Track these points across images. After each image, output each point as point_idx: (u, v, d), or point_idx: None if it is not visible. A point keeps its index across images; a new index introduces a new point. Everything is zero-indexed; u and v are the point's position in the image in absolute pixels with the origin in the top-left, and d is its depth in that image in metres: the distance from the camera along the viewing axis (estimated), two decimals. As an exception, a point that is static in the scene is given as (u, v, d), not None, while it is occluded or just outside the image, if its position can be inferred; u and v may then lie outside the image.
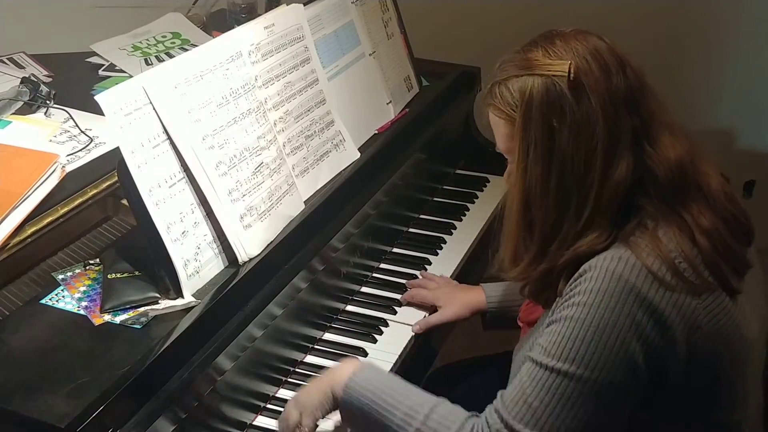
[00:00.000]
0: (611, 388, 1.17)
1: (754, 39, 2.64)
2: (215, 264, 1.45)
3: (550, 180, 1.23)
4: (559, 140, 1.22)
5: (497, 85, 1.28)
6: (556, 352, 1.19)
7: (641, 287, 1.16)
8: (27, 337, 1.33)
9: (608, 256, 1.20)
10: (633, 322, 1.16)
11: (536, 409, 1.19)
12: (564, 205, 1.24)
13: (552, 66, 1.22)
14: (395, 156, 1.93)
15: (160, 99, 1.37)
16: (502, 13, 2.74)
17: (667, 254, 1.18)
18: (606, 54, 1.24)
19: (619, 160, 1.21)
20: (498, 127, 1.30)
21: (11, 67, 2.06)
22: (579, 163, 1.22)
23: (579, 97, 1.21)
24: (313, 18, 1.79)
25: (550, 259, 1.27)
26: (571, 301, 1.20)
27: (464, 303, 1.74)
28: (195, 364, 1.31)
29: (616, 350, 1.16)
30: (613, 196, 1.22)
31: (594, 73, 1.22)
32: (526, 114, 1.23)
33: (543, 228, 1.26)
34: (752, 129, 2.73)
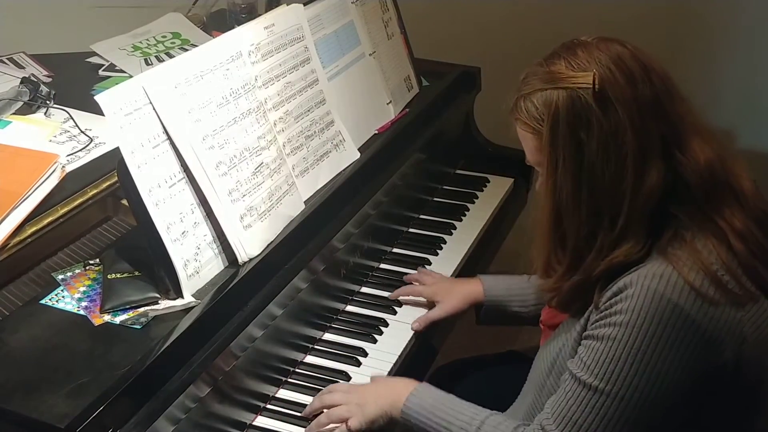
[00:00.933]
0: (656, 408, 1.18)
1: (755, 39, 2.64)
2: (215, 264, 1.45)
3: (581, 193, 1.23)
4: (588, 152, 1.21)
5: (522, 99, 1.27)
6: (599, 372, 1.20)
7: (684, 306, 1.16)
8: (27, 337, 1.33)
9: (648, 273, 1.19)
10: (677, 343, 1.16)
11: (580, 426, 1.21)
12: (597, 217, 1.23)
13: (576, 78, 1.22)
14: (395, 156, 1.93)
15: (160, 99, 1.37)
16: (502, 13, 2.74)
17: (708, 267, 1.17)
18: (629, 61, 1.23)
19: (650, 168, 1.21)
20: (526, 140, 1.30)
21: (11, 67, 2.06)
22: (609, 174, 1.21)
23: (605, 107, 1.20)
24: (313, 18, 1.79)
25: (585, 271, 1.27)
26: (612, 320, 1.20)
27: (462, 295, 1.74)
28: (195, 364, 1.31)
29: (659, 371, 1.16)
30: (646, 204, 1.21)
31: (619, 83, 1.21)
32: (552, 128, 1.23)
33: (576, 241, 1.26)
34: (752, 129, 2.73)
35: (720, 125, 2.75)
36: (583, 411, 1.21)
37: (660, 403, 1.17)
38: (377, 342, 1.67)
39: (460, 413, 1.35)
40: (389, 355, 1.64)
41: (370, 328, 1.70)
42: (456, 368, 1.89)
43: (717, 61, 2.71)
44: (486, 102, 2.36)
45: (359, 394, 1.45)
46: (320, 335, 1.69)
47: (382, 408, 1.42)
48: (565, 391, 1.24)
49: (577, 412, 1.21)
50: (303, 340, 1.64)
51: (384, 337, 1.69)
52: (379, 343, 1.67)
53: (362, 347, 1.65)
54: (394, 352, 1.65)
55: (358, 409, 1.42)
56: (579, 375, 1.22)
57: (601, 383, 1.19)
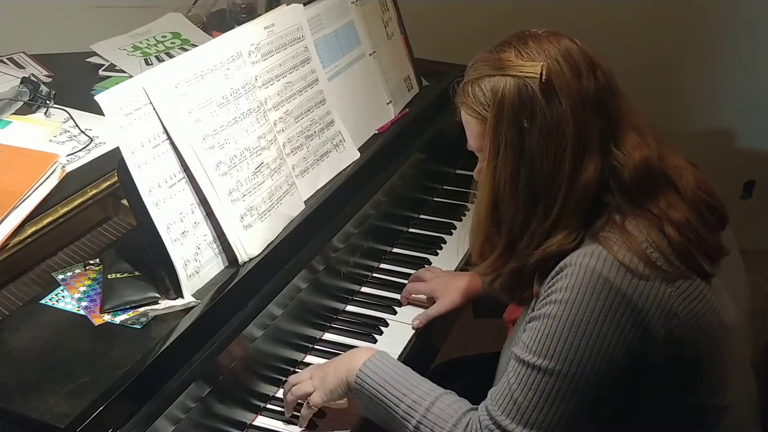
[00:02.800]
0: (593, 383, 1.20)
1: (755, 39, 2.64)
2: (215, 264, 1.46)
3: (519, 180, 1.25)
4: (529, 141, 1.24)
5: (470, 84, 1.30)
6: (537, 349, 1.22)
7: (614, 280, 1.19)
8: (27, 337, 1.33)
9: (582, 252, 1.22)
10: (609, 316, 1.19)
11: (521, 405, 1.23)
12: (532, 205, 1.26)
13: (524, 67, 1.24)
14: (395, 156, 1.93)
15: (160, 99, 1.37)
16: (502, 13, 2.74)
17: (637, 245, 1.21)
18: (577, 56, 1.26)
19: (587, 161, 1.24)
20: (470, 125, 1.32)
21: (11, 67, 2.07)
22: (548, 164, 1.24)
23: (550, 98, 1.23)
24: (313, 18, 1.79)
25: (519, 257, 1.30)
26: (549, 299, 1.23)
27: (460, 290, 1.75)
28: (195, 364, 1.31)
29: (594, 345, 1.19)
30: (581, 197, 1.24)
31: (565, 75, 1.23)
32: (497, 114, 1.25)
33: (511, 226, 1.29)
34: (752, 129, 2.73)
35: (720, 125, 2.76)
36: (523, 390, 1.23)
37: (598, 378, 1.20)
38: (377, 342, 1.67)
39: (416, 387, 1.35)
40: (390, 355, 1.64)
41: (370, 328, 1.70)
42: (454, 367, 1.89)
43: (717, 61, 2.71)
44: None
45: (321, 368, 1.47)
46: (320, 335, 1.69)
47: (339, 376, 1.42)
48: (507, 374, 1.26)
49: (519, 391, 1.23)
50: (303, 340, 1.64)
51: (384, 337, 1.69)
52: (379, 343, 1.67)
53: (362, 347, 1.65)
54: (394, 351, 1.65)
55: (319, 381, 1.44)
56: (520, 355, 1.24)
57: (540, 360, 1.21)
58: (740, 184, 2.78)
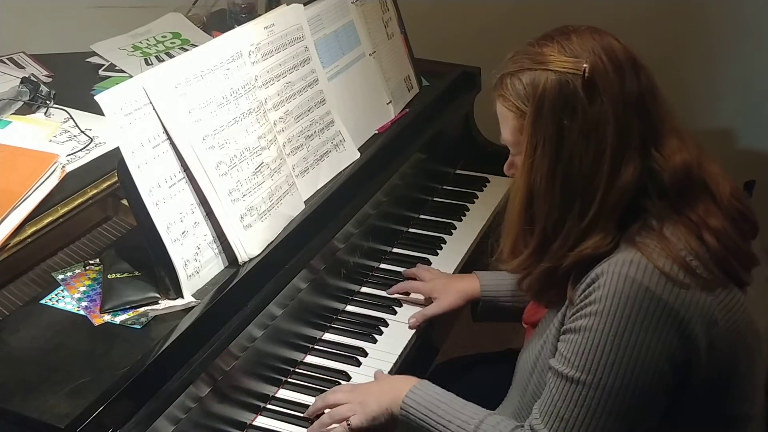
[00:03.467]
0: (639, 394, 1.18)
1: (755, 39, 2.64)
2: (215, 264, 1.45)
3: (556, 178, 1.23)
4: (568, 139, 1.21)
5: (509, 77, 1.27)
6: (579, 364, 1.20)
7: (655, 290, 1.16)
8: (27, 337, 1.33)
9: (618, 260, 1.19)
10: (651, 326, 1.16)
11: (567, 421, 1.21)
12: (568, 204, 1.23)
13: (567, 63, 1.21)
14: (395, 156, 1.93)
15: (160, 99, 1.37)
16: (502, 13, 2.74)
17: (677, 253, 1.18)
18: (621, 55, 1.23)
19: (626, 163, 1.21)
20: (506, 118, 1.29)
21: (11, 67, 2.06)
22: (587, 163, 1.21)
23: (592, 97, 1.20)
24: (313, 18, 1.79)
25: (552, 258, 1.27)
26: (587, 310, 1.20)
27: (459, 292, 1.74)
28: (195, 364, 1.31)
29: (638, 356, 1.17)
30: (619, 199, 1.21)
31: (608, 74, 1.21)
32: (537, 110, 1.22)
33: (545, 224, 1.26)
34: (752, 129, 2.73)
35: (720, 125, 2.76)
36: (568, 405, 1.21)
37: (643, 390, 1.18)
38: (377, 342, 1.67)
39: (460, 412, 1.35)
40: (389, 355, 1.64)
41: (370, 328, 1.70)
42: (455, 367, 1.89)
43: (717, 61, 2.71)
44: (486, 102, 2.34)
45: (361, 393, 1.45)
46: (320, 335, 1.69)
47: (383, 405, 1.41)
48: (550, 389, 1.24)
49: (563, 407, 1.21)
50: (303, 340, 1.64)
51: (384, 337, 1.69)
52: (379, 343, 1.67)
53: (362, 347, 1.65)
54: (394, 351, 1.65)
55: (360, 407, 1.42)
56: (561, 370, 1.22)
57: (582, 374, 1.20)
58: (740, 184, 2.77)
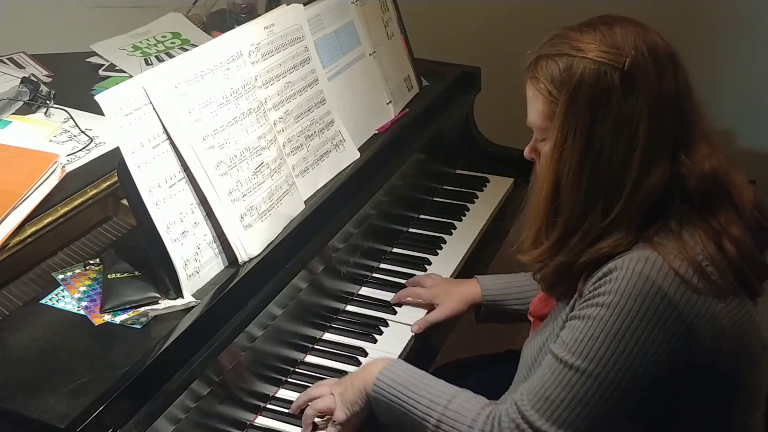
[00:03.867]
0: (630, 390, 1.18)
1: (755, 39, 2.64)
2: (215, 264, 1.45)
3: (583, 171, 1.21)
4: (600, 132, 1.19)
5: (545, 59, 1.24)
6: (578, 350, 1.19)
7: (668, 290, 1.15)
8: (27, 337, 1.33)
9: (634, 256, 1.18)
10: (657, 326, 1.16)
11: (553, 402, 1.20)
12: (593, 200, 1.22)
13: (608, 54, 1.19)
14: (395, 156, 1.93)
15: (160, 99, 1.37)
16: (502, 13, 2.74)
17: (693, 256, 1.17)
18: (663, 53, 1.21)
19: (656, 164, 1.19)
20: (535, 101, 1.26)
21: (11, 67, 2.06)
22: (616, 160, 1.19)
23: (629, 92, 1.18)
24: (313, 18, 1.79)
25: (569, 253, 1.25)
26: (596, 300, 1.20)
27: (460, 297, 1.74)
28: (195, 364, 1.31)
29: (637, 353, 1.16)
30: (644, 200, 1.20)
31: (648, 71, 1.19)
32: (572, 97, 1.20)
33: (568, 218, 1.24)
34: (752, 129, 2.73)
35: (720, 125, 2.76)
36: (558, 389, 1.20)
37: (635, 387, 1.17)
38: (377, 342, 1.67)
39: (431, 388, 1.35)
40: (389, 355, 1.63)
41: (370, 328, 1.70)
42: (456, 368, 1.89)
43: (717, 61, 2.71)
44: (486, 102, 2.36)
45: (341, 383, 1.45)
46: (320, 335, 1.68)
47: (357, 388, 1.41)
48: (544, 370, 1.24)
49: (553, 389, 1.20)
50: (303, 340, 1.64)
51: (384, 337, 1.69)
52: (379, 343, 1.67)
53: (362, 347, 1.65)
54: (395, 352, 1.65)
55: (339, 397, 1.42)
56: (559, 353, 1.22)
57: (579, 361, 1.19)
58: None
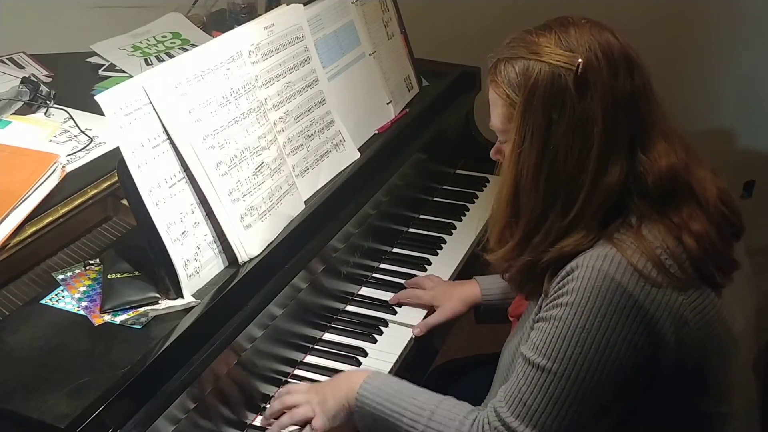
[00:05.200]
0: (601, 387, 1.19)
1: (755, 39, 2.64)
2: (215, 264, 1.45)
3: (541, 172, 1.23)
4: (555, 133, 1.21)
5: (503, 63, 1.26)
6: (546, 352, 1.21)
7: (627, 286, 1.17)
8: (27, 337, 1.33)
9: (594, 254, 1.20)
10: (620, 322, 1.17)
11: (530, 407, 1.22)
12: (552, 200, 1.24)
13: (562, 56, 1.21)
14: (395, 156, 1.93)
15: (160, 99, 1.37)
16: (502, 13, 2.74)
17: (652, 251, 1.19)
18: (617, 54, 1.22)
19: (613, 163, 1.21)
20: (496, 104, 1.29)
21: (11, 67, 2.06)
22: (572, 160, 1.21)
23: (582, 93, 1.20)
24: (313, 18, 1.79)
25: (533, 252, 1.27)
26: (560, 300, 1.21)
27: (460, 298, 1.75)
28: (195, 364, 1.31)
29: (603, 350, 1.18)
30: (603, 200, 1.22)
31: (602, 72, 1.20)
32: (527, 100, 1.22)
33: (529, 217, 1.26)
34: (752, 129, 2.73)
35: (720, 125, 2.76)
36: (532, 391, 1.22)
37: (606, 383, 1.19)
38: (377, 342, 1.67)
39: (415, 398, 1.35)
40: (389, 355, 1.64)
41: (370, 328, 1.70)
42: (454, 367, 1.89)
43: (717, 61, 2.71)
44: (486, 102, 2.36)
45: (318, 392, 1.45)
46: (320, 335, 1.68)
47: (339, 401, 1.41)
48: (517, 374, 1.25)
49: (527, 392, 1.22)
50: (303, 340, 1.64)
51: (384, 337, 1.69)
52: (379, 343, 1.67)
53: (362, 347, 1.65)
54: (394, 351, 1.65)
55: (319, 407, 1.42)
56: (529, 356, 1.23)
57: (548, 362, 1.20)
58: (740, 184, 2.78)
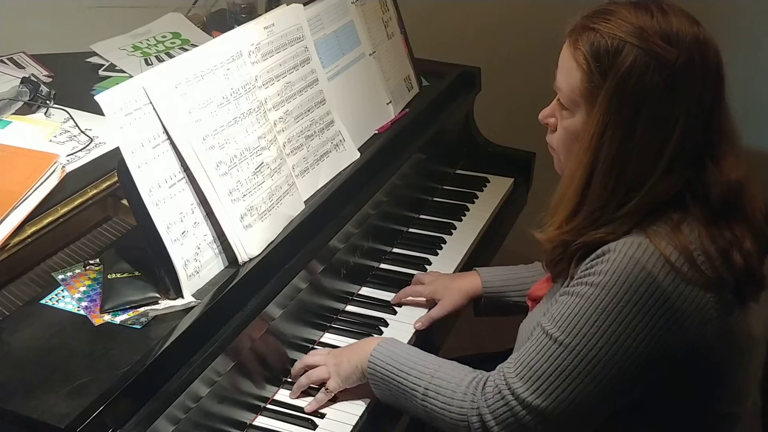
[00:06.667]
0: (610, 370, 1.19)
1: (755, 39, 2.64)
2: (215, 264, 1.45)
3: (617, 163, 1.21)
4: (640, 127, 1.18)
5: (592, 32, 1.21)
6: (563, 325, 1.22)
7: (657, 276, 1.16)
8: (27, 337, 1.33)
9: (628, 241, 1.20)
10: (643, 310, 1.17)
11: (536, 372, 1.23)
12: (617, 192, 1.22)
13: (662, 49, 1.17)
14: (395, 156, 1.93)
15: (160, 99, 1.37)
16: (502, 13, 2.74)
17: (686, 245, 1.18)
18: (713, 59, 1.20)
19: (678, 169, 1.20)
20: (571, 71, 1.24)
21: (11, 67, 2.06)
22: (647, 158, 1.19)
23: (672, 91, 1.17)
24: (313, 18, 1.79)
25: (573, 233, 1.26)
26: (587, 279, 1.22)
27: (461, 291, 1.75)
28: (195, 364, 1.31)
29: (619, 335, 1.18)
30: (658, 199, 1.21)
31: (696, 75, 1.18)
32: (618, 86, 1.18)
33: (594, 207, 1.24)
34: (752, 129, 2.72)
35: (720, 125, 2.76)
36: (542, 360, 1.23)
37: (615, 367, 1.19)
38: (377, 342, 1.67)
39: (420, 360, 1.40)
40: (389, 355, 1.64)
41: (370, 328, 1.70)
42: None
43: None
44: (486, 102, 2.36)
45: (335, 355, 1.51)
46: (320, 335, 1.68)
47: (354, 364, 1.47)
48: (532, 341, 1.27)
49: (538, 360, 1.23)
50: (303, 340, 1.64)
51: (384, 337, 1.69)
52: (379, 343, 1.67)
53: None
54: (394, 352, 1.65)
55: (335, 368, 1.48)
56: (546, 327, 1.25)
57: (564, 336, 1.22)
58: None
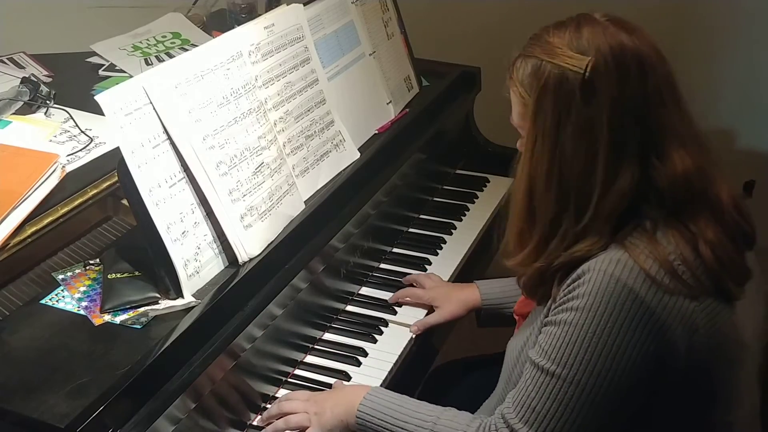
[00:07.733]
0: (610, 393, 1.18)
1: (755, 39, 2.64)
2: (215, 264, 1.45)
3: (553, 175, 1.22)
4: (563, 136, 1.20)
5: (521, 59, 1.26)
6: (555, 357, 1.20)
7: (639, 291, 1.15)
8: (27, 337, 1.33)
9: (605, 258, 1.18)
10: (631, 327, 1.16)
11: (538, 412, 1.20)
12: (564, 204, 1.23)
13: (571, 59, 1.19)
14: (395, 156, 1.93)
15: (160, 99, 1.37)
16: (502, 13, 2.74)
17: (665, 257, 1.17)
18: (630, 56, 1.20)
19: (623, 170, 1.19)
20: (513, 101, 1.29)
21: (11, 67, 2.06)
22: (579, 164, 1.20)
23: (588, 98, 1.18)
24: (313, 18, 1.79)
25: (548, 258, 1.26)
26: (569, 304, 1.20)
27: (460, 302, 1.74)
28: (195, 364, 1.31)
29: (613, 356, 1.16)
30: (615, 205, 1.20)
31: (610, 77, 1.18)
32: (538, 100, 1.22)
33: (543, 221, 1.25)
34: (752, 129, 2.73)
35: (720, 125, 2.76)
36: (542, 397, 1.21)
37: (616, 389, 1.17)
38: (377, 342, 1.67)
39: (415, 411, 1.35)
40: (389, 355, 1.64)
41: (370, 328, 1.70)
42: (455, 369, 1.89)
43: (717, 61, 2.71)
44: (486, 102, 2.36)
45: (316, 403, 1.44)
46: (320, 335, 1.68)
47: (338, 416, 1.41)
48: (525, 379, 1.24)
49: (536, 398, 1.21)
50: (303, 340, 1.64)
51: (384, 337, 1.69)
52: (379, 343, 1.67)
53: (362, 347, 1.65)
54: (394, 352, 1.65)
55: (316, 417, 1.42)
56: (538, 361, 1.22)
57: (557, 368, 1.19)
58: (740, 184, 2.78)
